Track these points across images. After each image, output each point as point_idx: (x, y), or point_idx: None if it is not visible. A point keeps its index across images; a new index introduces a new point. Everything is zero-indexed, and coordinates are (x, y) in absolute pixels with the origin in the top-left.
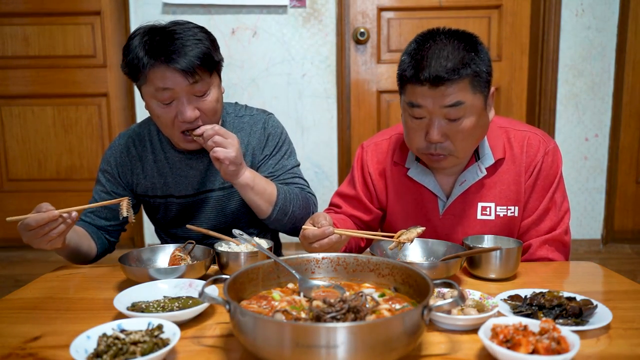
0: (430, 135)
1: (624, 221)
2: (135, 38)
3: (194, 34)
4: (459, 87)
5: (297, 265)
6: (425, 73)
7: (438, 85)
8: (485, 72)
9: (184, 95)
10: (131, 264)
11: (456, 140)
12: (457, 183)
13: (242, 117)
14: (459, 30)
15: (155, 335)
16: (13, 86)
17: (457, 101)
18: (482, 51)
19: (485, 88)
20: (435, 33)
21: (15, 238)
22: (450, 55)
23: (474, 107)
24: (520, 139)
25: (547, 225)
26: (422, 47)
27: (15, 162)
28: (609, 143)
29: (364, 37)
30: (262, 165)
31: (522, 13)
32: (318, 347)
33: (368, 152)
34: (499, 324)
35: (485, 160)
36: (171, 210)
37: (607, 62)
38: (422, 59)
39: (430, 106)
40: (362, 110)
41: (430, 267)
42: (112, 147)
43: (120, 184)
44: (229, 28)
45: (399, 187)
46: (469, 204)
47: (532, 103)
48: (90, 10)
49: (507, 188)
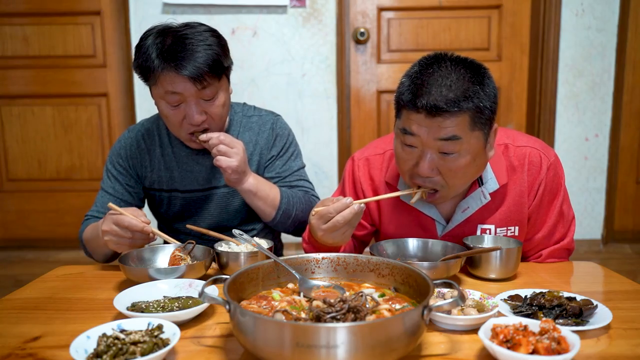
0: (419, 169)
1: (624, 221)
2: (148, 39)
3: (204, 39)
4: (458, 121)
5: (297, 265)
6: (422, 100)
7: (435, 116)
8: (489, 109)
9: (192, 99)
10: (131, 264)
11: (447, 177)
12: (459, 209)
13: (250, 117)
14: (467, 58)
15: (155, 335)
16: (13, 86)
17: (453, 135)
18: (489, 85)
19: (486, 126)
20: (441, 58)
21: (15, 238)
22: (453, 84)
23: (471, 145)
24: (520, 157)
25: (557, 238)
26: (425, 71)
27: (15, 162)
28: (609, 143)
29: (364, 37)
30: (269, 165)
31: (522, 13)
32: (318, 347)
33: (360, 167)
34: (499, 324)
35: (489, 186)
36: (175, 205)
37: (607, 62)
38: (422, 84)
39: (424, 136)
40: (362, 110)
41: (430, 267)
42: (121, 141)
43: (132, 176)
44: (229, 28)
45: (393, 209)
46: (469, 226)
47: (532, 103)
48: (90, 10)
49: (507, 210)
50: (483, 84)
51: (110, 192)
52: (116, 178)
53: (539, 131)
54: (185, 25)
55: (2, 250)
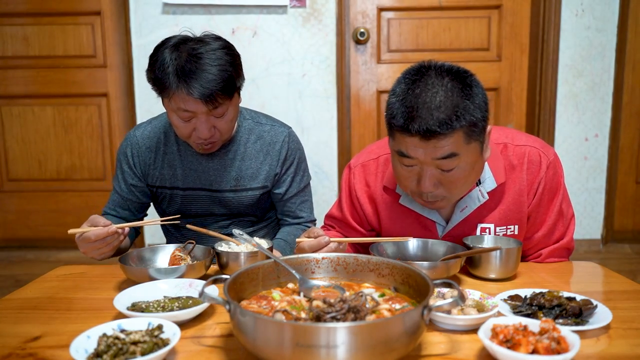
0: (422, 186)
1: (624, 221)
2: (165, 52)
3: (217, 58)
4: (453, 140)
5: (297, 265)
6: (415, 125)
7: (430, 138)
8: (481, 119)
9: (203, 116)
10: (131, 264)
11: (449, 188)
12: (458, 209)
13: (263, 125)
14: (452, 67)
15: (155, 335)
16: (13, 86)
17: (450, 153)
18: (478, 95)
19: (480, 134)
20: (425, 71)
21: (15, 238)
22: (442, 104)
23: (469, 156)
24: (519, 156)
25: (556, 236)
26: (412, 91)
27: (15, 162)
28: (609, 143)
29: (364, 37)
30: (279, 181)
31: (522, 13)
32: (318, 347)
33: (355, 175)
34: (499, 324)
35: (486, 185)
36: (175, 202)
37: (607, 62)
38: (411, 108)
39: (422, 157)
40: (362, 110)
41: (430, 267)
42: (127, 139)
43: (136, 175)
44: (229, 28)
45: (392, 213)
46: (468, 226)
47: (532, 103)
48: (90, 10)
49: (507, 208)
50: (472, 95)
51: (117, 190)
52: (123, 177)
53: (539, 131)
54: (200, 40)
55: (2, 250)
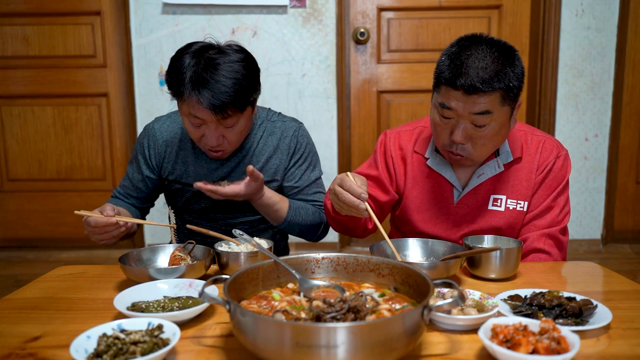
0: (454, 136)
1: (624, 221)
2: (186, 56)
3: (234, 70)
4: (490, 98)
5: (297, 265)
6: (461, 80)
7: (471, 94)
8: (517, 87)
9: (212, 124)
10: (131, 264)
11: (476, 145)
12: (475, 175)
13: (274, 122)
14: (500, 41)
15: (155, 335)
16: (13, 86)
17: (486, 110)
18: (518, 66)
19: (513, 101)
20: (477, 40)
21: (15, 238)
22: (487, 67)
23: (500, 118)
24: (537, 142)
25: (547, 222)
26: (463, 52)
27: (15, 162)
28: (609, 143)
29: (364, 37)
30: (288, 173)
31: (522, 13)
32: (318, 347)
33: (391, 139)
34: (499, 324)
35: (503, 157)
36: (185, 197)
37: (607, 62)
38: (460, 65)
39: (460, 110)
40: (362, 110)
41: (430, 267)
42: (146, 129)
43: (148, 166)
44: (229, 28)
45: (417, 174)
46: (482, 195)
47: (532, 103)
48: (90, 10)
49: (519, 184)
50: (513, 65)
51: (129, 175)
52: (137, 165)
53: None
54: (221, 50)
55: (2, 250)
